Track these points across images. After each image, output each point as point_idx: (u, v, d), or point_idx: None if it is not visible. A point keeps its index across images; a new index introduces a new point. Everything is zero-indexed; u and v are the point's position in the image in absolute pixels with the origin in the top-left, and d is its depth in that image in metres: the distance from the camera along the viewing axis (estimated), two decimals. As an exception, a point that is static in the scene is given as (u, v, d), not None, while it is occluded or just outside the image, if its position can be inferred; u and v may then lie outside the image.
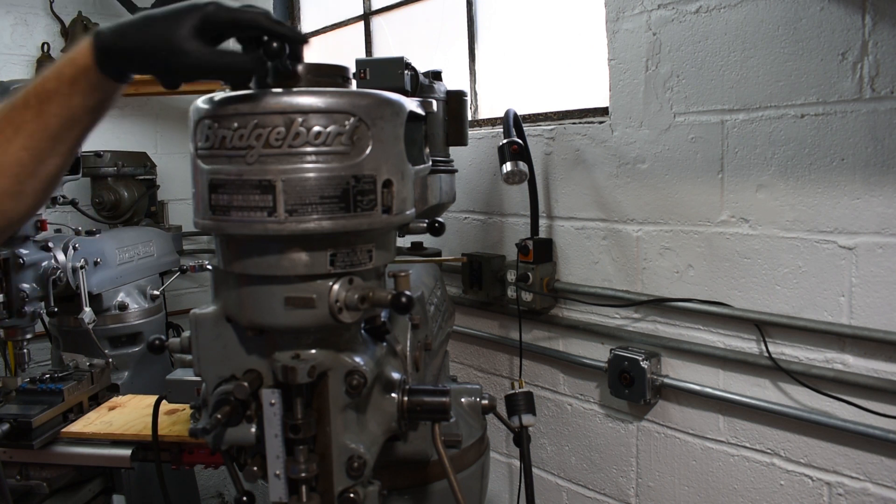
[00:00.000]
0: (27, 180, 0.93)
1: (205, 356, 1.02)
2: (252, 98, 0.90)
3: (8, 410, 1.83)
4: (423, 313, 1.37)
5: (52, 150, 0.92)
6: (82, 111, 0.91)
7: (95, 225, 3.00)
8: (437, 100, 1.93)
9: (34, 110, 0.90)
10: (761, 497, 1.88)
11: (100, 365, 2.11)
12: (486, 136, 2.48)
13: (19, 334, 2.15)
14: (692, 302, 1.94)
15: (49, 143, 0.92)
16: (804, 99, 1.67)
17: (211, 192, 0.92)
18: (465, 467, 1.58)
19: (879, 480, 1.65)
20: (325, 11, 3.60)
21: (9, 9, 3.21)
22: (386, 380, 1.06)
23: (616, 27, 2.04)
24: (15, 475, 1.84)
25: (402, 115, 0.98)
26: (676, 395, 2.03)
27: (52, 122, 0.90)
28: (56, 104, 0.90)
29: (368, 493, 1.02)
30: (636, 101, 2.02)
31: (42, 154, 0.92)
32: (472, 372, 2.70)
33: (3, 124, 0.90)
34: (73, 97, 0.90)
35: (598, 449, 2.29)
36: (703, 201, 1.90)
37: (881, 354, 1.61)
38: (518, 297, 2.27)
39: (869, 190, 1.59)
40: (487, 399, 1.48)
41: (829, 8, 1.61)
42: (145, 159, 3.28)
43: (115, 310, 2.59)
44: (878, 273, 1.60)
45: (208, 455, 1.77)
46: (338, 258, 0.94)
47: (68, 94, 0.89)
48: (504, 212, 2.47)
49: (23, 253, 2.11)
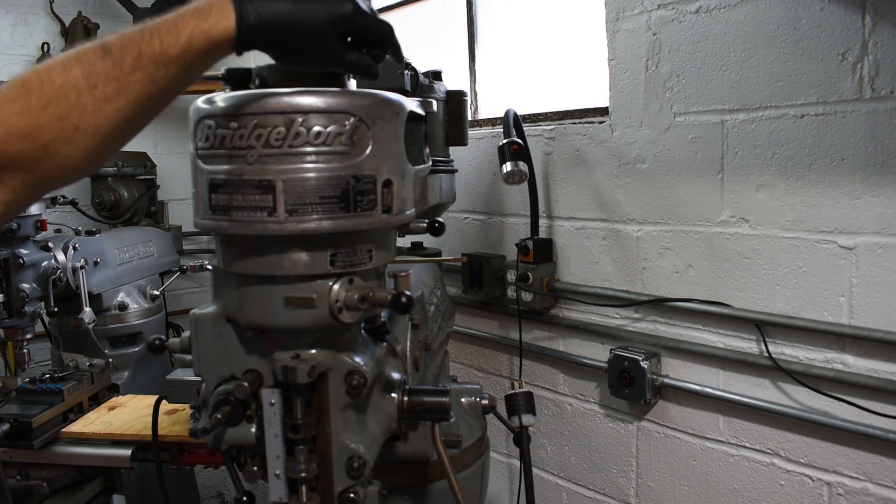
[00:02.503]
0: (111, 143, 0.83)
1: (205, 356, 1.01)
2: (252, 98, 0.90)
3: (8, 410, 1.83)
4: (423, 313, 1.37)
5: (147, 118, 0.85)
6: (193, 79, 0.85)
7: (95, 225, 3.00)
8: (437, 100, 1.93)
9: (146, 73, 0.80)
10: (761, 497, 1.88)
11: (100, 365, 2.11)
12: (486, 136, 2.48)
13: (19, 334, 2.15)
14: (692, 302, 1.94)
15: (149, 110, 0.84)
16: (804, 99, 1.67)
17: (211, 192, 0.92)
18: (465, 467, 1.58)
19: (879, 480, 1.65)
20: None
21: (9, 9, 3.21)
22: (386, 380, 1.06)
23: (616, 27, 2.04)
24: (15, 475, 1.84)
25: (402, 115, 0.98)
26: (676, 395, 2.03)
27: (163, 88, 0.82)
28: (173, 72, 0.81)
29: (368, 493, 1.02)
30: (636, 101, 2.02)
31: (139, 121, 0.84)
32: (472, 372, 2.70)
33: (103, 80, 0.79)
34: (194, 67, 0.82)
35: (598, 449, 2.29)
36: (703, 201, 1.90)
37: (881, 354, 1.62)
38: (518, 297, 2.27)
39: (869, 190, 1.59)
40: (487, 399, 1.48)
41: (829, 8, 1.61)
42: (145, 159, 3.28)
43: (115, 310, 2.59)
44: (878, 273, 1.60)
45: (208, 455, 1.77)
46: (338, 258, 0.94)
47: (190, 63, 0.81)
48: (504, 212, 2.47)
49: (23, 253, 2.11)
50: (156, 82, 0.80)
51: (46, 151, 0.78)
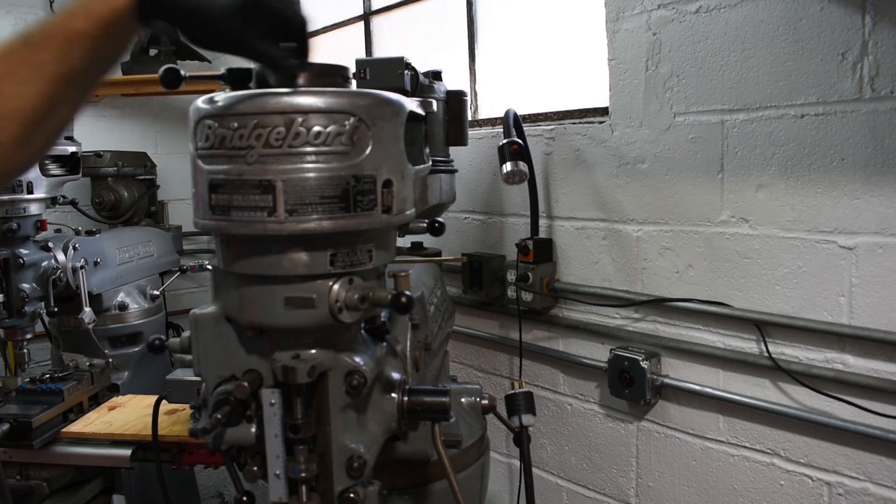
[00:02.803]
0: (37, 128, 0.83)
1: (205, 356, 1.02)
2: (252, 98, 0.90)
3: (8, 410, 1.83)
4: (423, 313, 1.37)
5: (69, 97, 0.84)
6: (109, 57, 0.84)
7: (95, 225, 3.00)
8: (437, 100, 1.93)
9: (57, 52, 0.80)
10: (761, 497, 1.88)
11: (100, 365, 2.12)
12: (486, 136, 2.48)
13: (19, 334, 2.15)
14: (692, 302, 1.94)
15: (68, 90, 0.83)
16: (804, 99, 1.67)
17: (211, 192, 0.92)
18: (465, 467, 1.58)
19: (879, 480, 1.65)
20: (325, 11, 3.60)
21: (9, 9, 3.21)
22: (386, 380, 1.06)
23: (616, 27, 2.04)
24: (15, 475, 1.84)
25: (402, 115, 0.98)
26: (676, 395, 2.03)
27: (76, 66, 0.81)
28: (83, 47, 0.81)
29: (368, 493, 1.02)
30: (636, 101, 2.02)
31: (59, 100, 0.83)
32: (472, 372, 2.70)
33: (19, 64, 0.80)
34: (103, 40, 0.81)
35: (598, 449, 2.29)
36: (703, 201, 1.90)
37: (881, 354, 1.61)
38: (518, 297, 2.27)
39: (869, 190, 1.59)
40: (487, 399, 1.48)
41: (829, 8, 1.61)
42: (145, 159, 3.28)
43: (115, 310, 2.59)
44: (878, 273, 1.60)
45: (208, 455, 1.77)
46: (338, 258, 0.94)
47: (99, 36, 0.81)
48: (504, 212, 2.47)
49: (23, 253, 2.11)
50: (68, 60, 0.81)
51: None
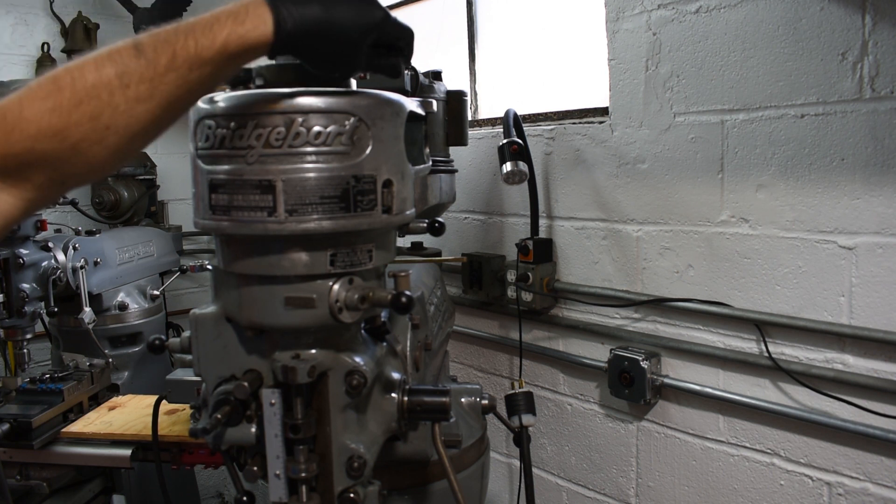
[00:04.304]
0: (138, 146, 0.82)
1: (205, 356, 1.01)
2: (252, 98, 0.90)
3: (8, 410, 1.83)
4: (423, 313, 1.37)
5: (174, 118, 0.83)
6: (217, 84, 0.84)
7: (95, 225, 3.00)
8: (437, 100, 1.93)
9: (179, 75, 0.78)
10: (761, 497, 1.88)
11: (100, 365, 2.11)
12: (486, 136, 2.48)
13: (19, 334, 2.15)
14: (692, 302, 1.94)
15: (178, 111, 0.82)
16: (804, 99, 1.67)
17: (211, 192, 0.92)
18: (465, 467, 1.58)
19: (879, 480, 1.65)
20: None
21: (9, 9, 3.21)
22: (386, 380, 1.06)
23: (616, 27, 2.04)
24: (15, 475, 1.84)
25: (402, 115, 0.98)
26: (676, 395, 2.03)
27: (194, 91, 0.81)
28: (206, 75, 0.80)
29: (368, 493, 1.02)
30: (636, 101, 2.02)
31: (167, 121, 0.82)
32: (472, 372, 2.70)
33: (137, 80, 0.77)
34: (226, 70, 0.81)
35: (598, 449, 2.29)
36: (703, 201, 1.90)
37: (881, 354, 1.62)
38: (518, 297, 2.27)
39: (869, 190, 1.59)
40: (487, 399, 1.48)
41: (829, 8, 1.61)
42: (145, 159, 3.28)
43: (115, 310, 2.59)
44: (878, 273, 1.60)
45: (208, 455, 1.77)
46: (338, 258, 0.94)
47: (224, 66, 0.80)
48: (504, 212, 2.47)
49: (23, 253, 2.11)
50: (188, 84, 0.79)
51: (75, 150, 0.77)
